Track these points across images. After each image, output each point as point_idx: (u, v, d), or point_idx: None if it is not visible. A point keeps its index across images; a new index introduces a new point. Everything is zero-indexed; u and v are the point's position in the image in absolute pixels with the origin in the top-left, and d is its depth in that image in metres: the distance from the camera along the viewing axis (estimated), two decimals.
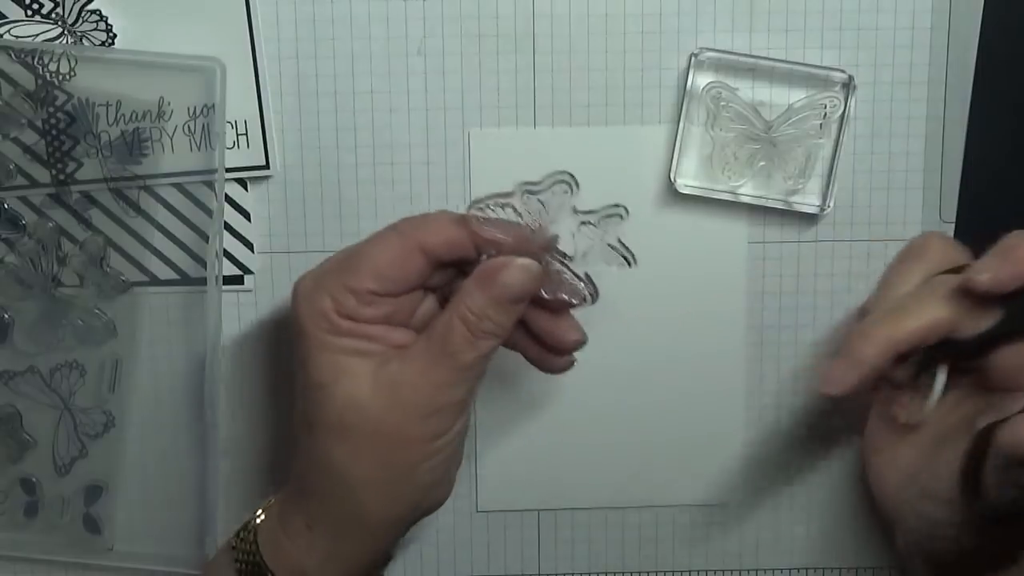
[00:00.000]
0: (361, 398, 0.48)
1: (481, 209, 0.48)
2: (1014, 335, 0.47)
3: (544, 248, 0.49)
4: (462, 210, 0.50)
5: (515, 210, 0.48)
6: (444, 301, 0.51)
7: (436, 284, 0.51)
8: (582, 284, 0.49)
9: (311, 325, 0.48)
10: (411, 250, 0.49)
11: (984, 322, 0.47)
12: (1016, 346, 0.47)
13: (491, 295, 0.47)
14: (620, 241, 0.49)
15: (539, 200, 0.48)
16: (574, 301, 0.50)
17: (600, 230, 0.49)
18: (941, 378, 0.49)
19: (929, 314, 0.47)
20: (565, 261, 0.49)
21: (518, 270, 0.48)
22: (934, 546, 0.49)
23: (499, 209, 0.48)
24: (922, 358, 0.49)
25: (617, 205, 0.49)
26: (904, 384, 0.49)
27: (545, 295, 0.49)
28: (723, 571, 0.62)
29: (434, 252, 0.49)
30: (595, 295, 0.50)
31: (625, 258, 0.50)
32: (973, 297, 0.46)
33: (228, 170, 0.57)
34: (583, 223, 0.49)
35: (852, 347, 0.47)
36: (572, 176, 0.49)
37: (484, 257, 0.49)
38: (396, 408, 0.48)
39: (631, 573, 0.63)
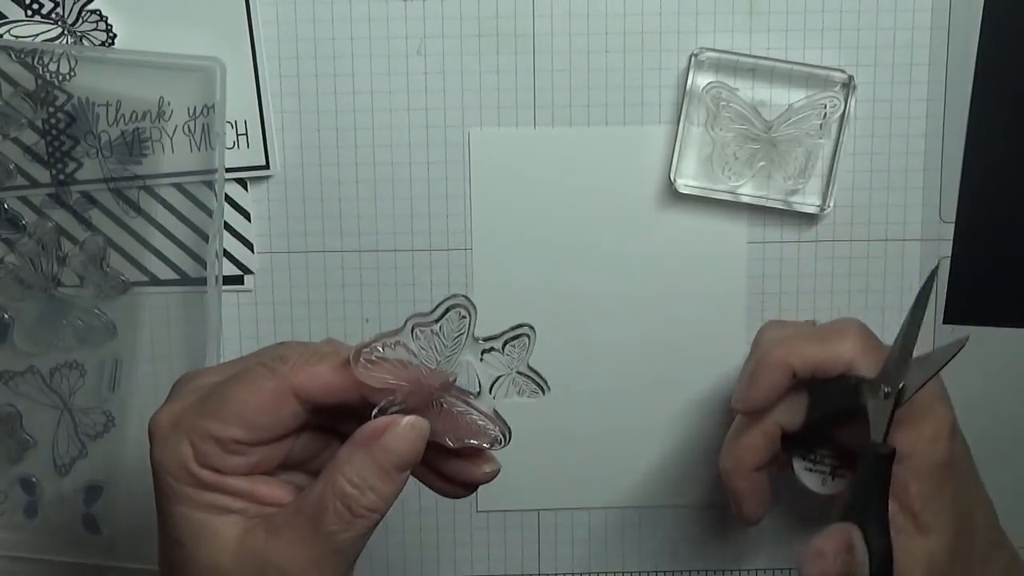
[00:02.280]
0: (224, 566, 0.42)
1: (369, 353, 0.42)
2: (834, 414, 0.51)
3: (443, 388, 0.43)
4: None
5: (407, 348, 0.42)
6: (323, 434, 0.45)
7: (317, 424, 0.45)
8: (492, 425, 0.44)
9: (167, 475, 0.42)
10: (284, 395, 0.42)
11: (798, 411, 0.52)
12: (854, 425, 0.50)
13: (375, 462, 0.41)
14: (531, 368, 0.43)
15: (433, 332, 0.42)
16: (484, 445, 0.44)
17: (507, 357, 0.43)
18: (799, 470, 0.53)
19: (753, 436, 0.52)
20: (469, 399, 0.44)
21: (406, 431, 0.42)
22: None
23: (390, 349, 0.42)
24: (788, 455, 0.54)
25: (522, 325, 0.43)
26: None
27: (450, 443, 0.43)
28: (723, 571, 0.62)
29: (310, 398, 0.42)
30: (507, 435, 0.44)
31: (539, 386, 0.44)
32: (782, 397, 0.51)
33: (228, 170, 0.57)
34: (486, 351, 0.43)
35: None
36: (467, 299, 0.42)
37: (374, 411, 0.42)
38: None
39: (631, 573, 0.63)
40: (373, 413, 0.42)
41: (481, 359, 0.43)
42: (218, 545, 0.42)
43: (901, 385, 0.48)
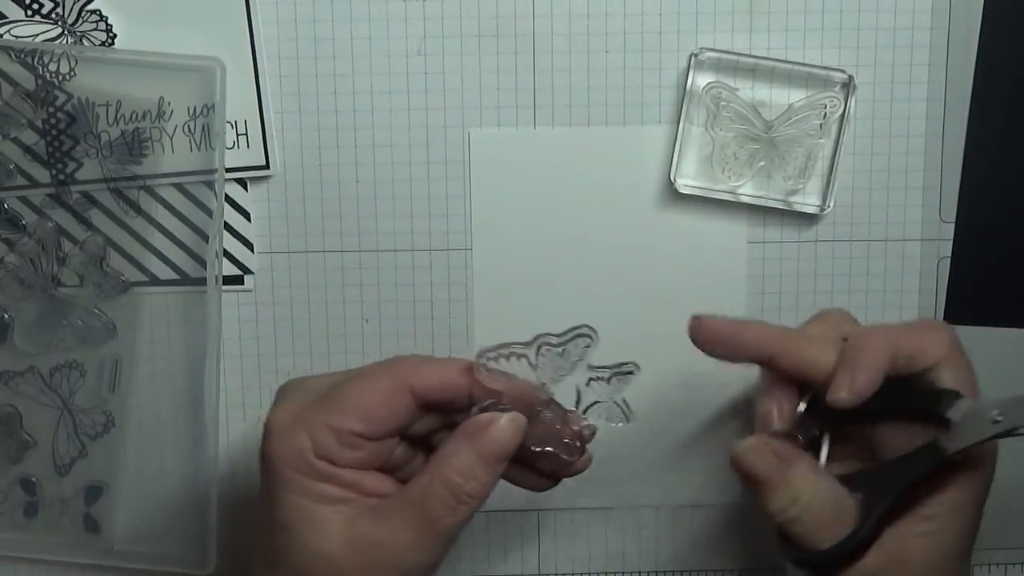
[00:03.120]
0: (331, 552, 0.45)
1: (487, 360, 0.47)
2: (888, 411, 0.49)
3: (544, 403, 0.47)
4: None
5: (529, 361, 0.47)
6: (416, 446, 0.50)
7: (416, 432, 0.49)
8: (574, 442, 0.48)
9: (283, 464, 0.46)
10: (401, 390, 0.46)
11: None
12: (895, 424, 0.49)
13: (479, 453, 0.45)
14: (624, 401, 0.49)
15: (557, 353, 0.47)
16: (562, 455, 0.48)
17: (610, 387, 0.48)
18: (825, 446, 0.50)
19: (819, 352, 0.48)
20: (564, 416, 0.48)
21: (508, 424, 0.46)
22: None
23: (515, 359, 0.47)
24: (803, 417, 0.50)
25: (629, 363, 0.49)
26: (783, 435, 0.51)
27: (533, 447, 0.47)
28: (723, 571, 0.62)
29: (424, 394, 0.47)
30: (581, 453, 0.48)
31: (625, 415, 0.49)
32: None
33: (228, 170, 0.57)
34: (593, 379, 0.48)
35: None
36: (593, 330, 0.47)
37: (474, 409, 0.47)
38: (367, 569, 0.45)
39: (631, 573, 0.63)
40: (474, 411, 0.47)
41: (588, 384, 0.48)
42: (326, 532, 0.45)
43: (1019, 423, 0.46)
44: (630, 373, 0.49)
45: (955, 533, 0.48)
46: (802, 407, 0.50)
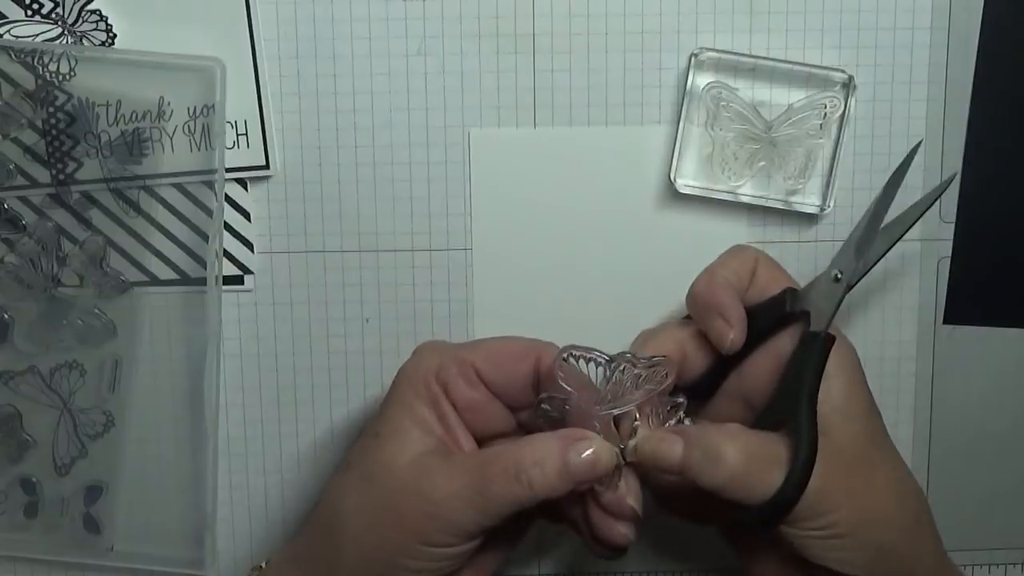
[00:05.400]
0: (397, 465, 0.48)
1: (570, 356, 0.48)
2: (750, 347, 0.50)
3: (598, 417, 0.48)
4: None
5: (605, 373, 0.48)
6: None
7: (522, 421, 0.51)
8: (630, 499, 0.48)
9: (405, 379, 0.50)
10: (526, 355, 0.49)
11: (701, 365, 0.51)
12: (759, 355, 0.50)
13: (562, 453, 0.46)
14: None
15: (636, 374, 0.48)
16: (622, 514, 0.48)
17: (643, 425, 0.48)
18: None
19: (669, 338, 0.51)
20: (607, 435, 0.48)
21: (600, 450, 0.46)
22: None
23: (586, 364, 0.48)
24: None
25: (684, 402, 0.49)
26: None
27: (600, 496, 0.48)
28: (723, 571, 0.62)
29: (542, 370, 0.49)
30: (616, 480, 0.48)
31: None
32: (699, 339, 0.51)
33: (228, 170, 0.57)
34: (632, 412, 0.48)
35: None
36: (673, 365, 0.48)
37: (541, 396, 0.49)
38: (410, 490, 0.47)
39: (631, 573, 0.63)
40: (533, 409, 0.49)
41: (640, 414, 0.48)
42: (403, 447, 0.48)
43: (857, 267, 0.48)
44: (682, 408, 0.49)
45: (862, 413, 0.49)
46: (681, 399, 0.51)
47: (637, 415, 0.48)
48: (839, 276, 0.49)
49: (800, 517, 0.46)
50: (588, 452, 0.46)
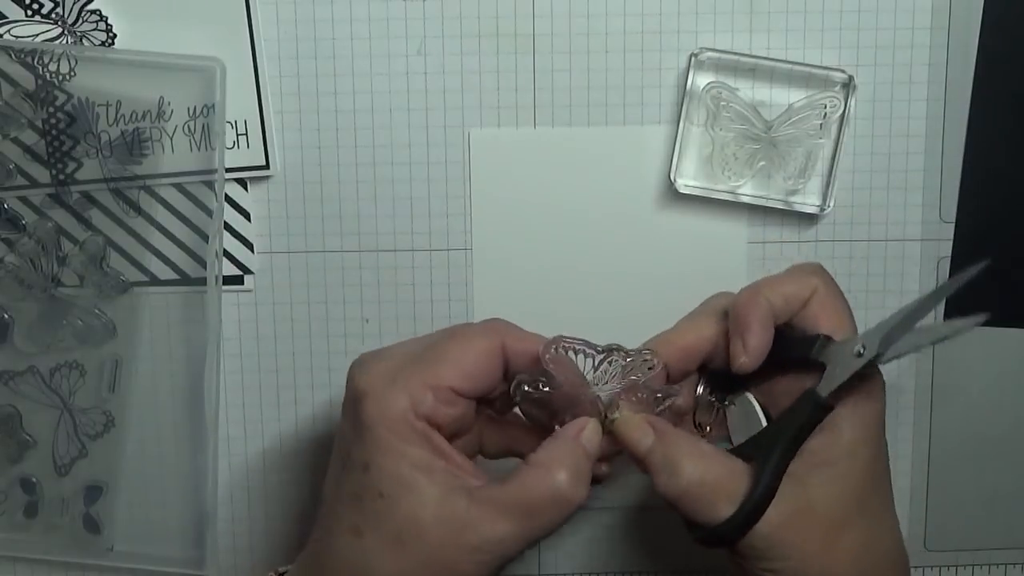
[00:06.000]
0: (424, 521, 0.45)
1: (563, 347, 0.48)
2: (781, 366, 0.50)
3: (583, 401, 0.48)
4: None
5: (594, 364, 0.48)
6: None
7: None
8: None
9: (382, 427, 0.45)
10: (495, 349, 0.48)
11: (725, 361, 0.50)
12: (787, 377, 0.50)
13: (585, 454, 0.47)
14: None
15: (622, 366, 0.48)
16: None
17: (626, 404, 0.49)
18: (755, 405, 0.51)
19: (695, 332, 0.51)
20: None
21: (595, 428, 0.47)
22: None
23: (575, 355, 0.48)
24: (707, 384, 0.53)
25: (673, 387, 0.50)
26: (685, 410, 0.53)
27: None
28: (724, 571, 0.62)
29: (514, 359, 0.48)
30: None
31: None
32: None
33: (228, 170, 0.57)
34: (618, 394, 0.48)
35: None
36: (657, 357, 0.49)
37: (518, 377, 0.48)
38: (455, 545, 0.45)
39: (631, 573, 0.63)
40: (516, 379, 0.48)
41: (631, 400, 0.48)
42: (419, 500, 0.45)
43: (878, 352, 0.47)
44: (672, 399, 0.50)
45: (856, 474, 0.48)
46: (700, 389, 0.52)
47: (622, 400, 0.48)
48: (861, 351, 0.47)
49: (746, 553, 0.48)
50: (596, 437, 0.47)
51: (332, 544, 0.47)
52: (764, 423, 0.50)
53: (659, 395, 0.49)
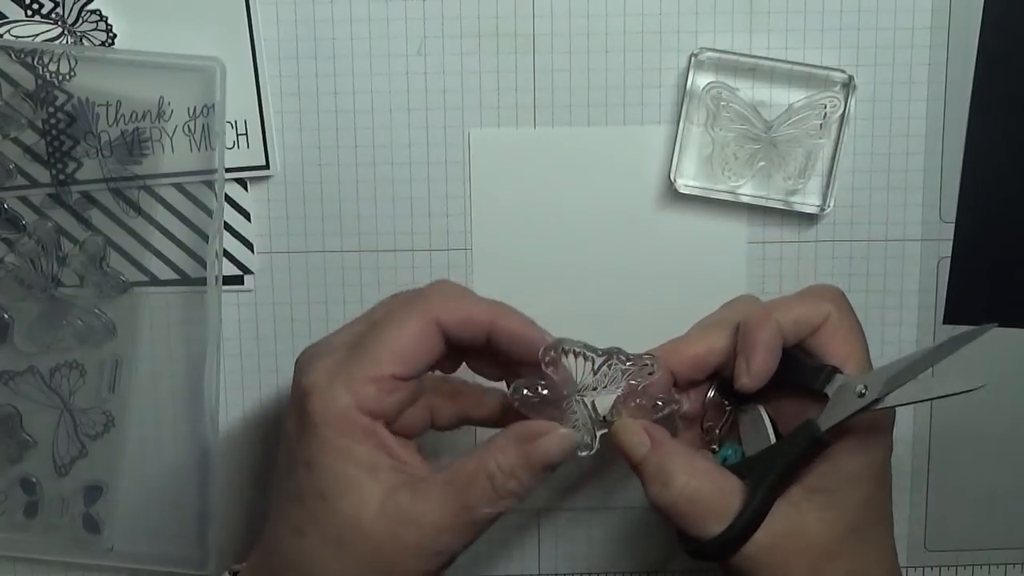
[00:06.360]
0: (365, 520, 0.45)
1: (568, 349, 0.48)
2: (789, 385, 0.50)
3: (578, 406, 0.48)
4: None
5: (593, 367, 0.48)
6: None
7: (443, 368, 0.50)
8: (588, 438, 0.48)
9: (325, 426, 0.45)
10: (430, 326, 0.47)
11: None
12: (793, 399, 0.50)
13: (527, 459, 0.46)
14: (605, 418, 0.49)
15: (621, 370, 0.48)
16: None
17: (625, 409, 0.49)
18: (766, 419, 0.51)
19: (706, 342, 0.51)
20: (591, 413, 0.49)
21: (560, 440, 0.46)
22: None
23: (575, 357, 0.48)
24: (715, 395, 0.52)
25: (675, 399, 0.50)
26: (694, 415, 0.53)
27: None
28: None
29: (450, 330, 0.47)
30: (591, 447, 0.48)
31: (589, 443, 0.48)
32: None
33: (228, 170, 0.57)
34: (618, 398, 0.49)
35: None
36: (657, 361, 0.49)
37: (515, 383, 0.47)
38: (396, 543, 0.45)
39: (631, 573, 0.63)
40: (514, 385, 0.47)
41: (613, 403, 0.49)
42: (362, 500, 0.45)
43: (879, 395, 0.46)
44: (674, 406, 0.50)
45: (853, 505, 0.48)
46: (711, 394, 0.52)
47: (621, 405, 0.48)
48: (863, 392, 0.47)
49: (735, 571, 0.48)
50: (549, 446, 0.46)
51: (277, 544, 0.47)
52: (773, 438, 0.50)
53: (658, 402, 0.49)
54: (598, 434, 0.48)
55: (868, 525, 0.49)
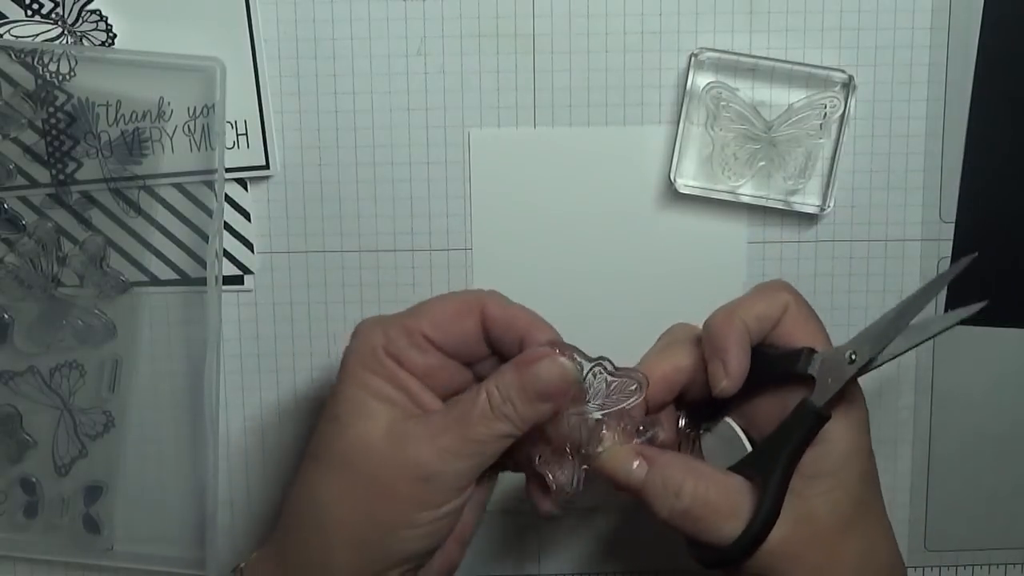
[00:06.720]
0: (371, 441, 0.47)
1: (578, 357, 0.48)
2: (761, 385, 0.49)
3: (567, 420, 0.48)
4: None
5: (606, 381, 0.48)
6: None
7: (481, 372, 0.51)
8: (574, 478, 0.49)
9: (353, 359, 0.48)
10: (473, 309, 0.49)
11: (703, 391, 0.50)
12: (768, 396, 0.50)
13: (521, 380, 0.47)
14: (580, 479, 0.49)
15: (605, 382, 0.48)
16: (564, 490, 0.49)
17: (610, 435, 0.49)
18: (737, 429, 0.50)
19: (671, 362, 0.50)
20: (586, 435, 0.48)
21: (554, 365, 0.47)
22: None
23: (591, 375, 0.48)
24: (686, 416, 0.52)
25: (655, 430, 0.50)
26: (670, 444, 0.52)
27: (537, 455, 0.49)
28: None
29: (491, 322, 0.49)
30: (577, 488, 0.48)
31: (576, 483, 0.49)
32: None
33: (228, 170, 0.57)
34: (601, 421, 0.48)
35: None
36: (647, 380, 0.48)
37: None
38: (396, 461, 0.47)
39: (631, 573, 0.63)
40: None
41: (596, 423, 0.48)
42: (371, 422, 0.47)
43: (872, 355, 0.47)
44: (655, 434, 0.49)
45: (854, 482, 0.48)
46: (682, 423, 0.52)
47: (605, 427, 0.48)
48: (853, 358, 0.47)
49: (750, 570, 0.48)
50: (543, 371, 0.47)
51: (298, 475, 0.49)
52: (748, 447, 0.50)
53: (641, 427, 0.49)
54: (582, 469, 0.48)
55: (870, 500, 0.49)
